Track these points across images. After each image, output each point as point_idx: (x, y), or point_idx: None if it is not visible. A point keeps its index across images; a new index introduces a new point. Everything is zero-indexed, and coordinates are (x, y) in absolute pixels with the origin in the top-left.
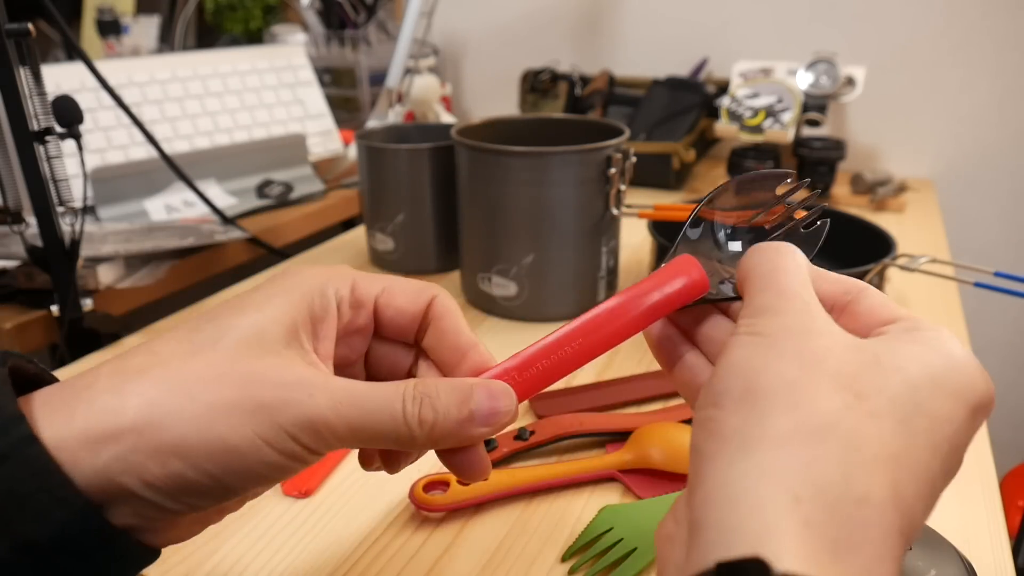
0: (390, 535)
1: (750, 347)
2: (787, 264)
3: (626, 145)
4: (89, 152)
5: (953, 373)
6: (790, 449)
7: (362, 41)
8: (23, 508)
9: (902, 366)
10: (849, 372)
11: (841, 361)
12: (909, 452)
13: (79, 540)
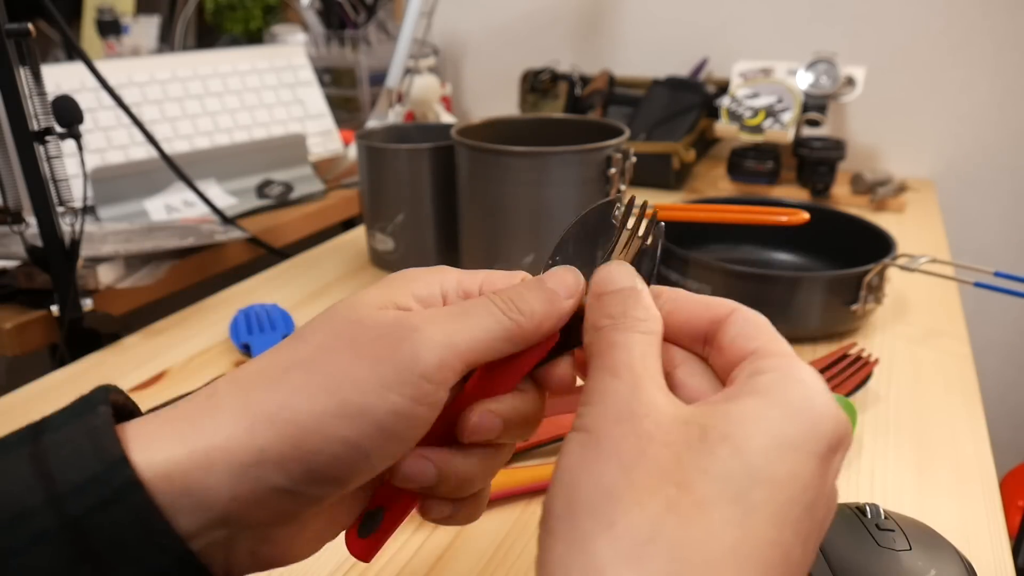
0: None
1: (575, 450)
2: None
3: (626, 145)
4: (89, 152)
5: (790, 424)
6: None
7: (362, 41)
8: (124, 556)
9: (730, 433)
10: (669, 459)
11: (663, 446)
12: (749, 536)
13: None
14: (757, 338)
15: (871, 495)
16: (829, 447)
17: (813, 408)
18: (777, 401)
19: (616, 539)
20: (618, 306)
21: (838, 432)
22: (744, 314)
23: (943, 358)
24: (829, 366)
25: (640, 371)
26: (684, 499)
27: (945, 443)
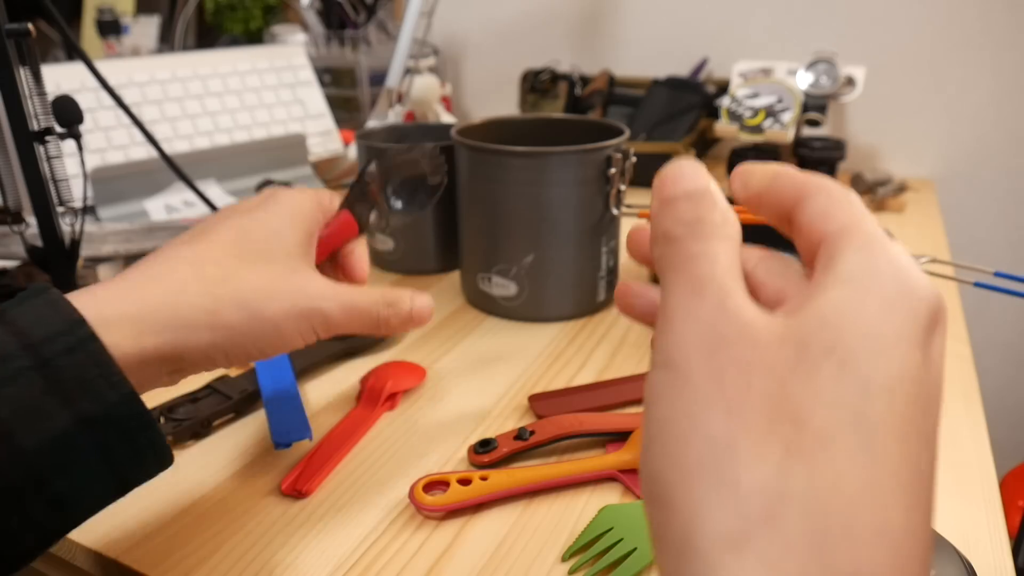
0: (390, 535)
1: (665, 394)
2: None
3: (626, 145)
4: (89, 152)
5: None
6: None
7: (362, 41)
8: (86, 390)
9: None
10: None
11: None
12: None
13: (124, 421)
14: (837, 216)
15: None
16: (928, 329)
17: (907, 289)
18: (870, 289)
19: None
20: (693, 211)
21: (933, 309)
22: (828, 189)
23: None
24: None
25: (728, 284)
26: (804, 437)
27: (945, 443)
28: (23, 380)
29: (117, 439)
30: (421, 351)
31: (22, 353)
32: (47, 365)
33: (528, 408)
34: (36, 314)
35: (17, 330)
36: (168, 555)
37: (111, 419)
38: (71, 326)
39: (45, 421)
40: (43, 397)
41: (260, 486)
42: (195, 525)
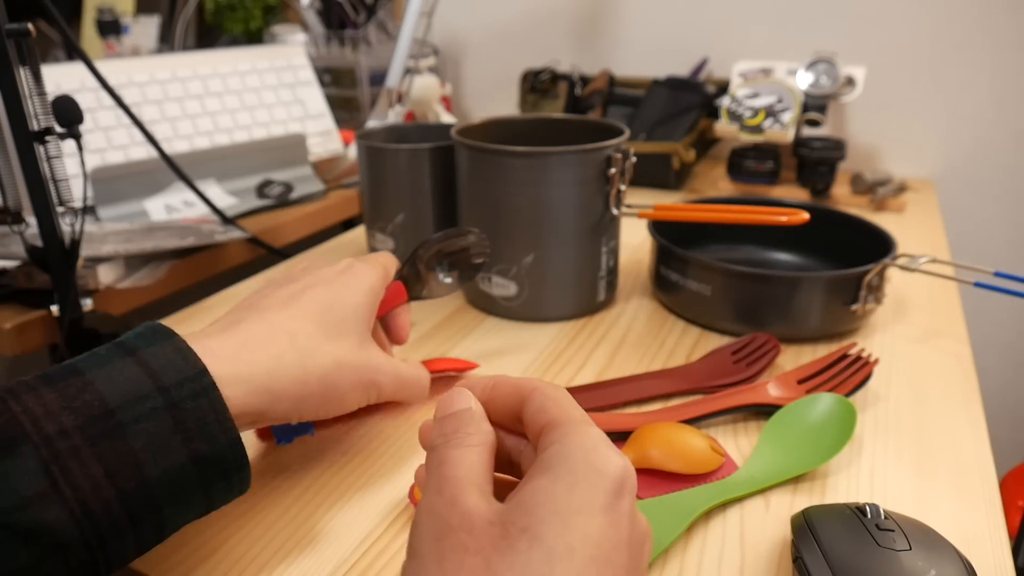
0: (390, 535)
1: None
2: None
3: (626, 145)
4: (89, 152)
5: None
6: None
7: (362, 41)
8: (203, 432)
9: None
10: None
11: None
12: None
13: (226, 461)
14: (548, 411)
15: (871, 495)
16: (612, 495)
17: (591, 467)
18: (559, 473)
19: None
20: (452, 425)
21: (617, 479)
22: (541, 389)
23: (943, 358)
24: (829, 366)
25: (462, 481)
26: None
27: (945, 443)
28: (156, 418)
29: (218, 476)
30: (422, 351)
31: (156, 394)
32: (176, 407)
33: None
34: (167, 359)
35: (151, 372)
36: (168, 555)
37: (218, 459)
38: (198, 375)
39: (169, 456)
40: (170, 435)
41: (260, 485)
42: (195, 525)
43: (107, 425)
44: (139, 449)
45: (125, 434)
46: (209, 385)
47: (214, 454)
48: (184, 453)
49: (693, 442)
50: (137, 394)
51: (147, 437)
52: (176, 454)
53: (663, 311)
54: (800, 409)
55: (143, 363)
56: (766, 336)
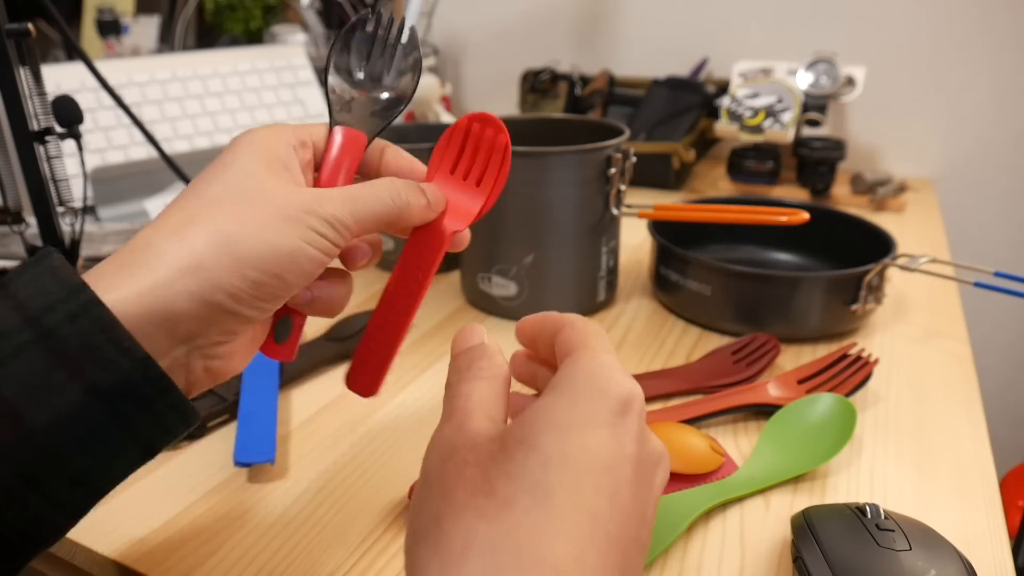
0: (390, 535)
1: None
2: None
3: (626, 145)
4: (89, 152)
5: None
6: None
7: None
8: (94, 358)
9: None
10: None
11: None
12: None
13: (140, 387)
14: (572, 340)
15: (871, 495)
16: (615, 413)
17: (594, 387)
18: (562, 391)
19: (441, 555)
20: (465, 360)
21: (621, 398)
22: (571, 322)
23: (943, 358)
24: (829, 366)
25: (472, 410)
26: (490, 504)
27: (945, 443)
28: (26, 355)
29: (135, 407)
30: (420, 351)
31: (23, 327)
32: (50, 336)
33: None
34: (36, 283)
35: (18, 303)
36: (168, 555)
37: (126, 387)
38: (71, 292)
39: (54, 397)
40: (49, 372)
41: (259, 486)
42: (195, 525)
43: None
44: (11, 395)
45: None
46: (88, 302)
47: (118, 382)
48: (75, 390)
49: (693, 442)
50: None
51: (18, 379)
52: (64, 393)
53: (663, 311)
54: (800, 409)
55: (10, 294)
56: (766, 336)
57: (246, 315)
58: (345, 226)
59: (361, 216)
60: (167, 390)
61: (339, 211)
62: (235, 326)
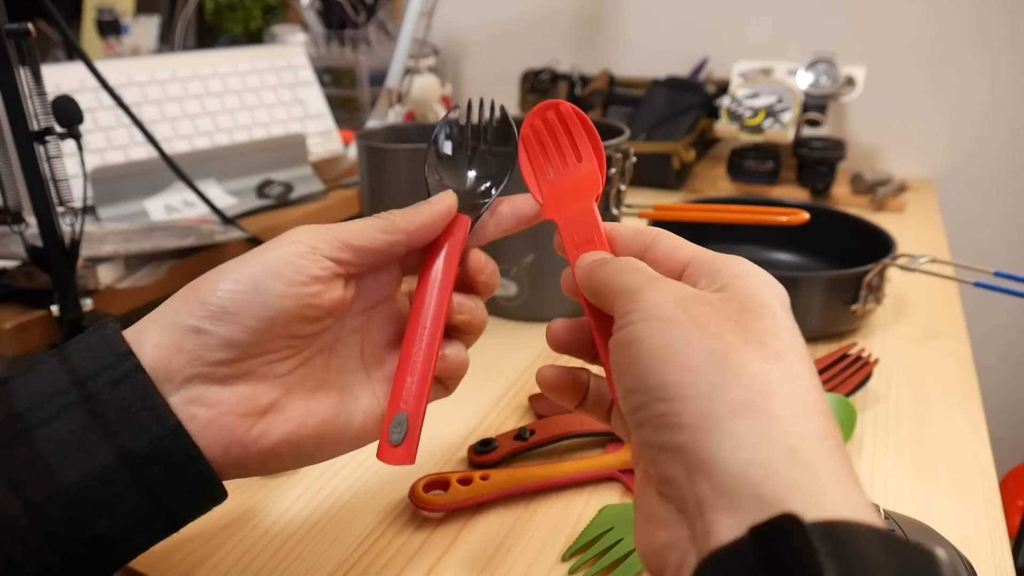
0: (390, 535)
1: (654, 336)
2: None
3: (626, 145)
4: (89, 152)
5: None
6: (757, 414)
7: (362, 41)
8: (129, 423)
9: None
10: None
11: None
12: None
13: (169, 454)
14: (684, 249)
15: (871, 495)
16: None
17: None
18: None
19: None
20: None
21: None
22: (667, 234)
23: (943, 358)
24: (829, 366)
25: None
26: (768, 351)
27: (945, 443)
28: (67, 416)
29: (161, 474)
30: None
31: (71, 389)
32: (92, 399)
33: (528, 408)
34: (90, 349)
35: (70, 367)
36: (168, 555)
37: (155, 453)
38: (118, 358)
39: (86, 456)
40: (85, 432)
41: (259, 485)
42: (195, 525)
43: (12, 432)
44: (47, 453)
45: (31, 438)
46: (132, 368)
47: (148, 447)
48: (106, 451)
49: None
50: (50, 392)
51: (57, 438)
52: (96, 453)
53: None
54: None
55: (65, 359)
56: None
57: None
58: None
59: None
60: (195, 459)
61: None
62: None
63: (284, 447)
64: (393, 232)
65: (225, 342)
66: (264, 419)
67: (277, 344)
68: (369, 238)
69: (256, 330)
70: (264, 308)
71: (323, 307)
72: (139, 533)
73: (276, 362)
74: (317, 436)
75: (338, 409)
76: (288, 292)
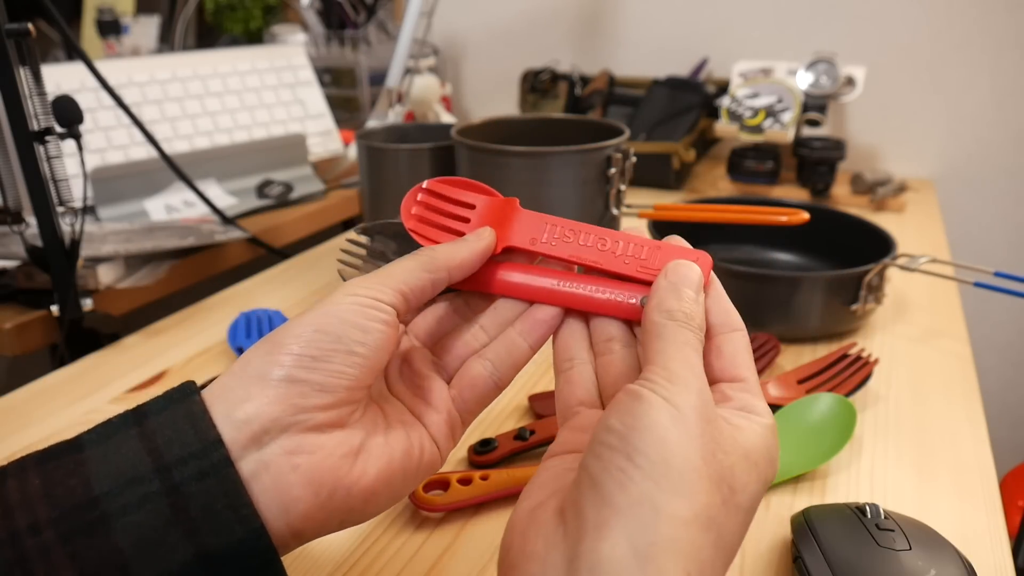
0: (390, 535)
1: (667, 417)
2: (693, 341)
3: (626, 145)
4: (89, 152)
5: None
6: (689, 532)
7: (362, 41)
8: (212, 521)
9: (758, 462)
10: (727, 468)
11: (724, 455)
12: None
13: (247, 557)
14: (748, 368)
15: (871, 495)
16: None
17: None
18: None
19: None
20: (689, 307)
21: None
22: (744, 337)
23: (943, 358)
24: (829, 366)
25: (706, 380)
26: (731, 499)
27: (945, 443)
28: (149, 507)
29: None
30: None
31: (154, 476)
32: (176, 492)
33: (528, 408)
34: (176, 429)
35: (152, 447)
36: None
37: (233, 555)
38: (206, 448)
39: (165, 555)
40: (167, 529)
41: None
42: None
43: (88, 518)
44: (126, 547)
45: (108, 528)
46: (220, 461)
47: (228, 549)
48: (187, 550)
49: None
50: (130, 476)
51: (137, 531)
52: (175, 552)
53: None
54: (800, 409)
55: (147, 435)
56: (766, 336)
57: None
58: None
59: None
60: (270, 564)
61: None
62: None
63: (380, 484)
64: (435, 271)
65: (320, 388)
66: (360, 459)
67: (362, 392)
68: (416, 279)
69: (345, 375)
70: (350, 355)
71: (391, 349)
72: None
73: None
74: (403, 470)
75: (410, 440)
76: (366, 339)
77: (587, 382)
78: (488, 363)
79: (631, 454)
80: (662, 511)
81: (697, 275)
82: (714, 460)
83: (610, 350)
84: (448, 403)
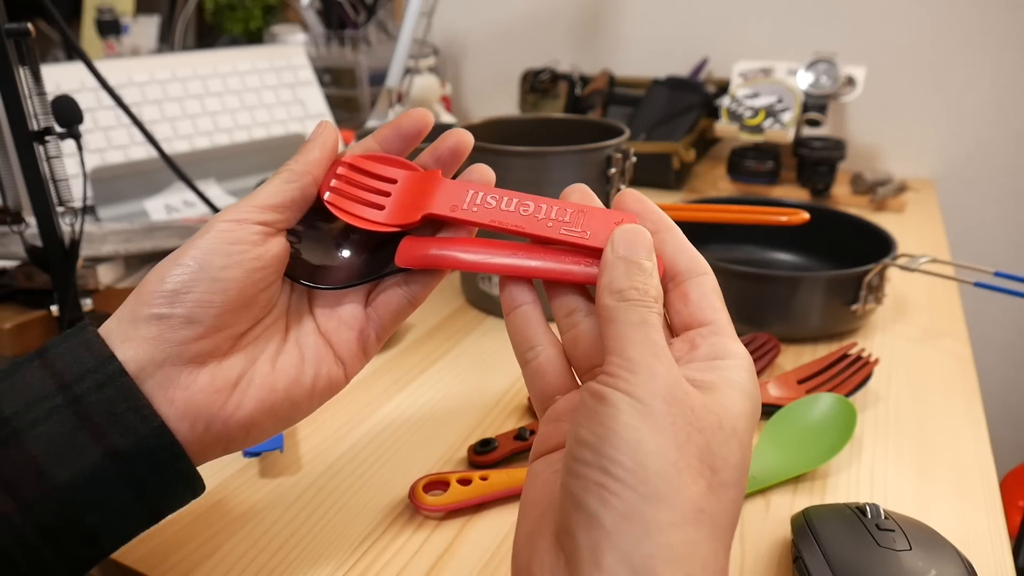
0: (390, 535)
1: (634, 416)
2: (650, 316)
3: (626, 145)
4: (89, 152)
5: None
6: (682, 534)
7: (362, 41)
8: (116, 424)
9: (735, 427)
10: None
11: (699, 432)
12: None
13: (154, 452)
14: (716, 311)
15: (871, 495)
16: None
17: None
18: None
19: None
20: (641, 280)
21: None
22: (712, 280)
23: (943, 358)
24: (829, 366)
25: (669, 355)
26: (715, 480)
27: (945, 443)
28: (55, 418)
29: (148, 471)
30: (421, 351)
31: (57, 392)
32: (79, 402)
33: (528, 408)
34: (72, 354)
35: (55, 371)
36: (168, 555)
37: (141, 452)
38: (101, 362)
39: (77, 457)
40: (74, 433)
41: (258, 486)
42: (195, 525)
43: (2, 434)
44: (38, 455)
45: (21, 441)
46: (115, 372)
47: (135, 446)
48: (96, 451)
49: None
50: (36, 396)
51: (47, 440)
52: (86, 453)
53: None
54: (800, 409)
55: (48, 363)
56: (766, 336)
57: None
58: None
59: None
60: (178, 457)
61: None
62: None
63: (260, 414)
64: (298, 178)
65: (185, 320)
66: (236, 391)
67: (236, 316)
68: (282, 193)
69: (212, 303)
70: (214, 282)
71: (268, 267)
72: (125, 526)
73: (239, 335)
74: (288, 397)
75: (301, 367)
76: (230, 262)
77: (556, 367)
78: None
79: (606, 466)
80: (650, 521)
81: (646, 238)
82: (689, 444)
83: (574, 324)
84: (362, 320)
